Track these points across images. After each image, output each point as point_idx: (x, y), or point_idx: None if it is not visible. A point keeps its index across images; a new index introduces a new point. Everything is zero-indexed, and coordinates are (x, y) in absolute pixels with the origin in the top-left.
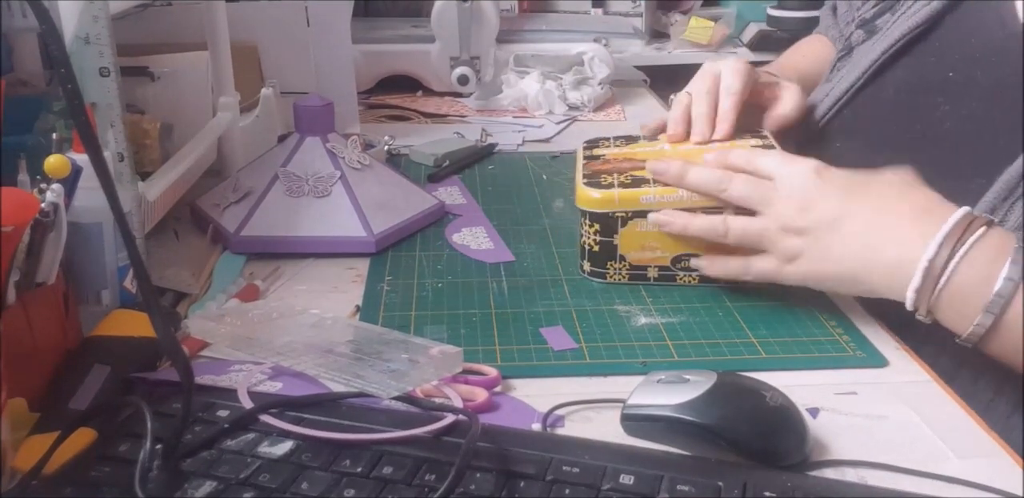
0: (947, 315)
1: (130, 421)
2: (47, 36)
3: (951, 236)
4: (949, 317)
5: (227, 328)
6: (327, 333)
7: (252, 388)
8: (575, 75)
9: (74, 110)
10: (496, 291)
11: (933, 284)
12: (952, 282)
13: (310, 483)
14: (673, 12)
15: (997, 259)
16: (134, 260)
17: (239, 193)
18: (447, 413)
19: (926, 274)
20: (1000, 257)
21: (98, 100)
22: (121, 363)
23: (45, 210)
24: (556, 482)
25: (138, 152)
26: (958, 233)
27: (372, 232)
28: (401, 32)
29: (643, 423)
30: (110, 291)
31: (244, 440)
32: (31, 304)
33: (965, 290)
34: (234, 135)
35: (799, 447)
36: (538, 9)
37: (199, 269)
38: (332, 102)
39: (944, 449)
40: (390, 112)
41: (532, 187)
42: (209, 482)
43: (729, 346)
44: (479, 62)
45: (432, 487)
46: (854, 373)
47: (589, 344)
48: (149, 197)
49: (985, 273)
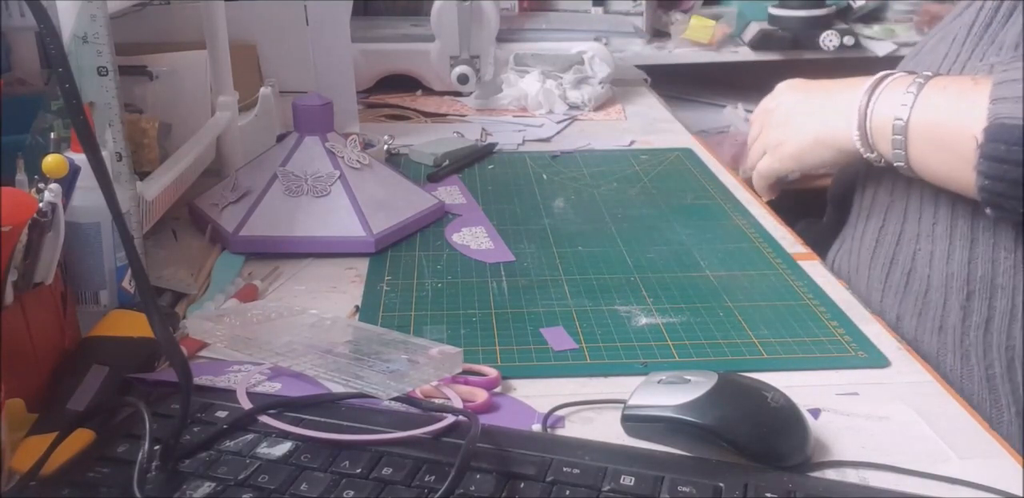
0: (883, 148)
1: (128, 422)
2: (45, 35)
3: (873, 85)
4: (884, 149)
5: (226, 328)
6: (326, 333)
7: (251, 389)
8: (575, 74)
9: (72, 109)
10: (496, 291)
11: (864, 121)
12: (874, 116)
13: (309, 484)
14: (674, 11)
15: (897, 93)
16: (132, 260)
17: (238, 193)
18: (447, 414)
19: (860, 115)
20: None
21: (96, 99)
22: (119, 363)
23: (43, 210)
24: (556, 483)
25: (136, 151)
26: (877, 82)
27: (371, 232)
28: (401, 31)
29: (644, 424)
30: (108, 291)
31: (243, 441)
32: (29, 304)
33: (884, 122)
34: (233, 134)
35: (800, 448)
36: (538, 8)
37: (198, 269)
38: (331, 101)
39: (946, 450)
40: (389, 111)
41: (532, 187)
42: (208, 483)
43: (730, 346)
44: (479, 61)
45: (432, 488)
46: (856, 373)
47: (589, 344)
48: (147, 197)
49: (892, 103)
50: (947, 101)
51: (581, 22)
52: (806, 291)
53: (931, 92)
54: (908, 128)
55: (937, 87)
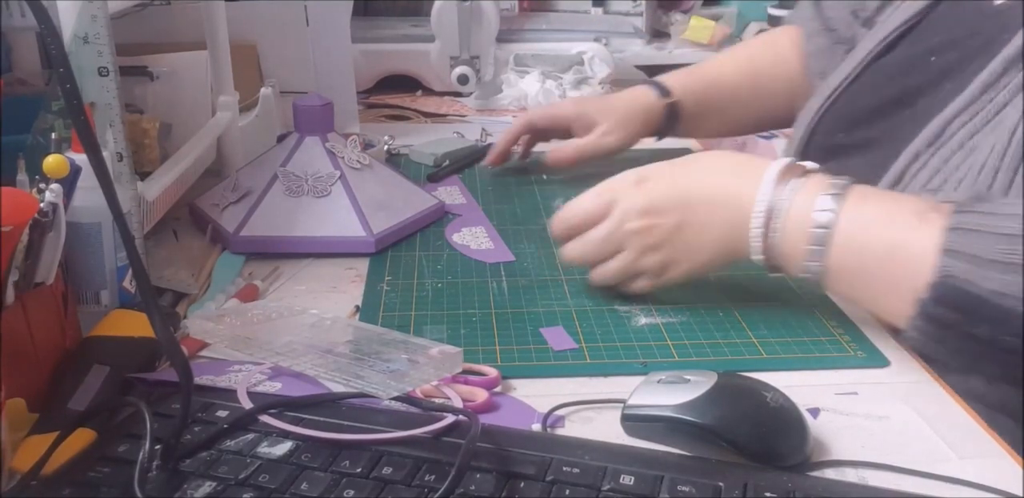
0: (791, 260)
1: (129, 421)
2: (46, 35)
3: (777, 181)
4: (793, 261)
5: (226, 328)
6: (327, 333)
7: (251, 388)
8: (575, 74)
9: (73, 110)
10: (496, 291)
11: (766, 227)
12: (784, 221)
13: (310, 483)
14: (673, 11)
15: (817, 196)
16: (133, 260)
17: (238, 193)
18: (447, 413)
19: (763, 219)
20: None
21: (97, 100)
22: (120, 363)
23: (44, 210)
24: (556, 482)
25: (137, 152)
26: (783, 178)
27: (371, 232)
28: (401, 31)
29: (643, 423)
30: (109, 291)
31: (243, 440)
32: (30, 304)
33: (796, 227)
34: (233, 135)
35: (800, 447)
36: (538, 8)
37: (198, 269)
38: (331, 102)
39: (945, 449)
40: (390, 112)
41: (532, 187)
42: (208, 482)
43: (729, 346)
44: (479, 61)
45: (432, 487)
46: (855, 373)
47: (589, 344)
48: (148, 197)
49: (808, 207)
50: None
51: (581, 22)
52: (805, 291)
53: (858, 203)
54: (832, 240)
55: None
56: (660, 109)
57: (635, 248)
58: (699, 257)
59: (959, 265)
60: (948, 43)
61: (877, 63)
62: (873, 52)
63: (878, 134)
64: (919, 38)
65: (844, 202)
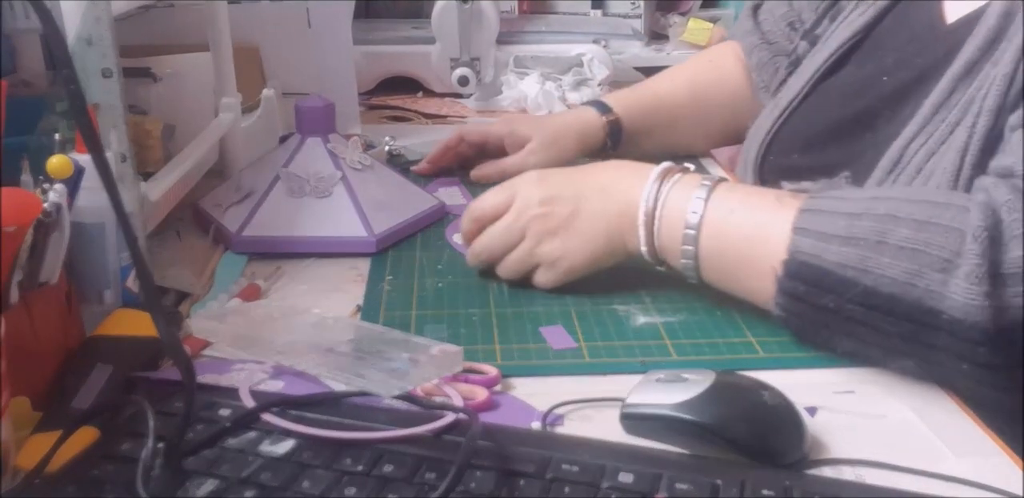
0: (669, 253)
1: (132, 420)
2: (50, 37)
3: (657, 179)
4: (671, 253)
5: (229, 328)
6: (328, 332)
7: (254, 387)
8: (575, 76)
9: (77, 111)
10: (496, 291)
11: (651, 227)
12: (661, 212)
13: (311, 481)
14: (672, 13)
15: (690, 189)
16: (136, 260)
17: (241, 193)
18: (447, 412)
19: (644, 220)
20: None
21: (100, 101)
22: (123, 362)
23: (48, 210)
24: (556, 480)
25: (140, 153)
26: (660, 178)
27: (373, 232)
28: (401, 33)
29: (642, 422)
30: (112, 291)
31: (246, 439)
32: (34, 304)
33: (671, 219)
34: (236, 136)
35: (797, 446)
36: (538, 10)
37: (201, 269)
38: (333, 103)
39: (942, 448)
40: (391, 113)
41: None
42: (211, 481)
43: (728, 345)
44: (479, 63)
45: (432, 485)
46: (852, 372)
47: (589, 343)
48: (151, 197)
49: (682, 199)
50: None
51: (580, 24)
52: None
53: (725, 193)
54: (700, 238)
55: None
56: (600, 127)
57: (533, 235)
58: (592, 246)
59: (807, 241)
60: (900, 62)
61: (826, 82)
62: (820, 70)
63: (839, 157)
64: (868, 56)
65: (713, 193)
